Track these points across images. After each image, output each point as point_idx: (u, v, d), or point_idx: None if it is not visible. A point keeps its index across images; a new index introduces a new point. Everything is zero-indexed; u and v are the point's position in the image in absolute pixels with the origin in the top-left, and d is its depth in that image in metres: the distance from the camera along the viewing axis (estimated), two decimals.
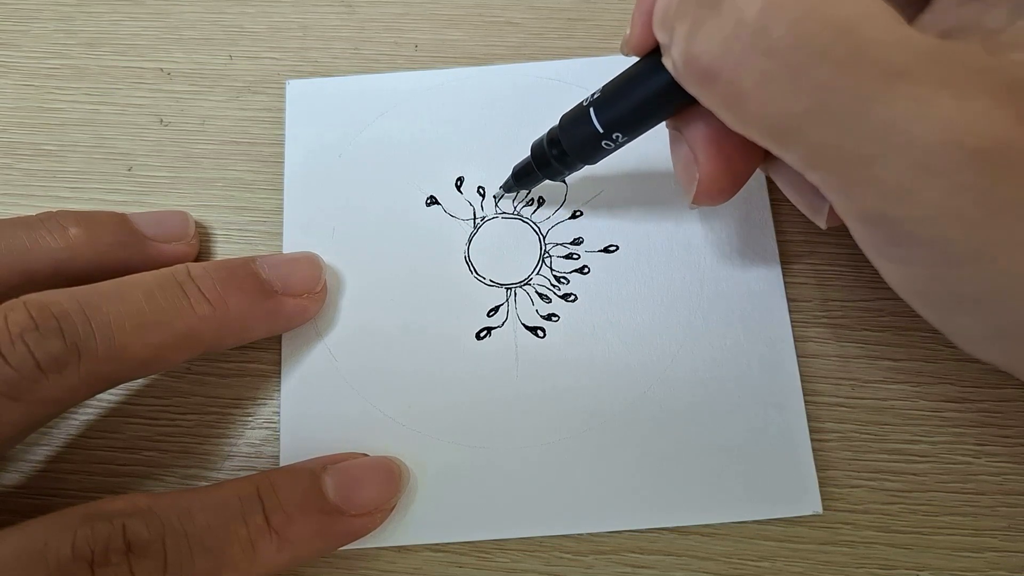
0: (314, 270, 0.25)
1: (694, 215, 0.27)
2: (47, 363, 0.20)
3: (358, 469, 0.23)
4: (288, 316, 0.25)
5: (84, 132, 0.29)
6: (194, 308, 0.22)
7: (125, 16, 0.31)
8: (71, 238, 0.24)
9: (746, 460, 0.23)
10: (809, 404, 0.24)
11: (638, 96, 0.21)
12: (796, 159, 0.18)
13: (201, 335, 0.22)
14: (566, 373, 0.25)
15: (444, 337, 0.25)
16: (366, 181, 0.28)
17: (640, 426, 0.24)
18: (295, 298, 0.25)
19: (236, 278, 0.23)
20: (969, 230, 0.16)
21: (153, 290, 0.22)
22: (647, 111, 0.21)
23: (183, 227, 0.26)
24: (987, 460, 0.24)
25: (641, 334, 0.25)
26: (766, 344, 0.25)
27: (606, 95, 0.21)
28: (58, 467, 0.25)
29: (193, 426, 0.25)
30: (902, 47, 0.16)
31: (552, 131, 0.24)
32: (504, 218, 0.27)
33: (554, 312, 0.26)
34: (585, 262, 0.26)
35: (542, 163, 0.24)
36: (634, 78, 0.21)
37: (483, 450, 0.24)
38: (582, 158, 0.23)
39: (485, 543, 0.23)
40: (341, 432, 0.24)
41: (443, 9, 0.31)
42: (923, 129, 0.15)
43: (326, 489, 0.22)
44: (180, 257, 0.26)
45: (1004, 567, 0.23)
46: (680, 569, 0.23)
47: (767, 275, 0.26)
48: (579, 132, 0.22)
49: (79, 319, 0.20)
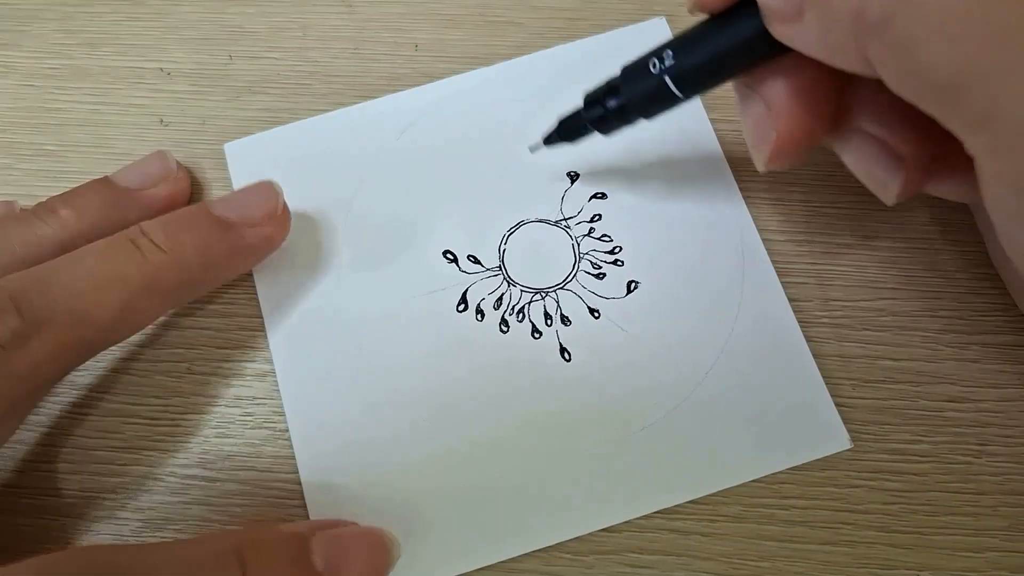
0: (270, 194, 0.25)
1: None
2: (8, 340, 0.20)
3: (348, 540, 0.21)
4: (253, 247, 0.24)
5: (84, 132, 0.29)
6: (148, 258, 0.22)
7: (125, 16, 0.31)
8: (64, 219, 0.24)
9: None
10: None
11: (721, 49, 0.20)
12: (962, 116, 0.16)
13: (162, 283, 0.22)
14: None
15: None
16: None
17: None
18: (255, 227, 0.24)
19: (187, 221, 0.23)
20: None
21: (105, 250, 0.22)
22: (729, 64, 0.20)
23: (164, 167, 0.27)
24: (988, 460, 0.24)
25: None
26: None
27: (681, 48, 0.21)
28: (58, 467, 0.25)
29: (193, 426, 0.25)
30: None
31: (612, 81, 0.23)
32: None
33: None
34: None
35: (596, 116, 0.23)
36: (717, 30, 0.20)
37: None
38: (645, 112, 0.22)
39: None
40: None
41: (444, 9, 0.31)
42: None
43: (314, 558, 0.20)
44: (172, 196, 0.26)
45: (1005, 567, 0.23)
46: (680, 569, 0.23)
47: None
48: (645, 85, 0.22)
49: (34, 294, 0.21)
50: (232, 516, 0.24)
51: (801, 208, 0.27)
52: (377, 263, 0.27)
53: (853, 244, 0.26)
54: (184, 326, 0.26)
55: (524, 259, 0.27)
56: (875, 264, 0.26)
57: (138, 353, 0.26)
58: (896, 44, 0.16)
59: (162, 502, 0.24)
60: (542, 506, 0.23)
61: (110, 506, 0.24)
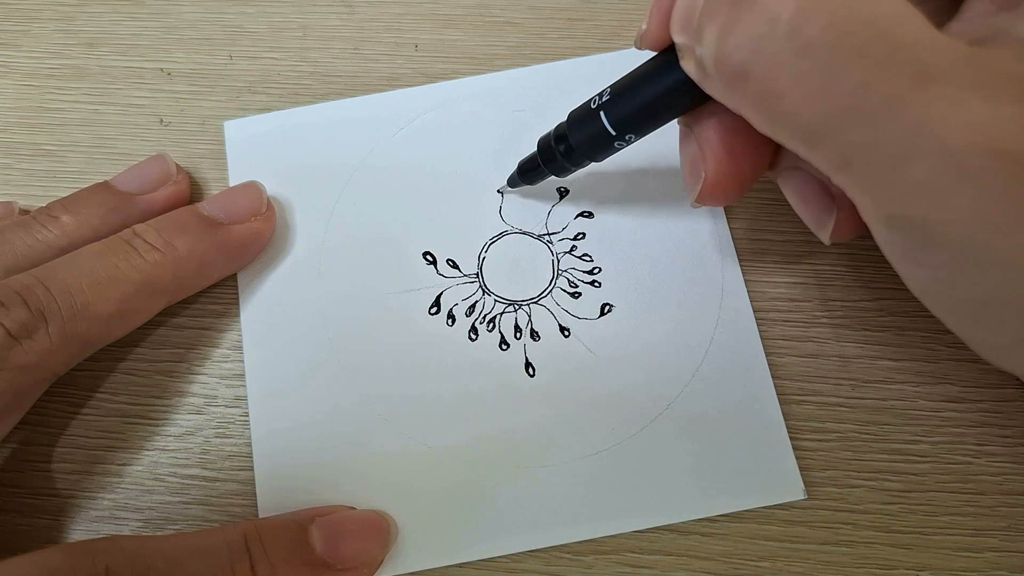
0: (255, 194, 0.26)
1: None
2: (16, 330, 0.21)
3: (346, 522, 0.23)
4: (242, 243, 0.26)
5: (84, 132, 0.29)
6: (144, 257, 0.23)
7: (125, 16, 0.31)
8: (65, 225, 0.25)
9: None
10: (809, 404, 0.24)
11: (651, 95, 0.20)
12: (826, 159, 0.17)
13: (158, 280, 0.24)
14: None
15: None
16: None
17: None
18: (243, 224, 0.25)
19: (178, 222, 0.25)
20: (997, 235, 0.16)
21: (103, 252, 0.23)
22: (660, 109, 0.21)
23: (164, 171, 0.27)
24: (987, 460, 0.24)
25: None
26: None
27: (616, 94, 0.21)
28: (58, 467, 0.25)
29: (193, 426, 0.25)
30: (937, 49, 0.15)
31: (560, 127, 0.23)
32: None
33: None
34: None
35: (548, 158, 0.24)
36: (647, 76, 0.21)
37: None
38: (590, 155, 0.23)
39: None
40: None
41: (443, 9, 0.31)
42: (955, 132, 0.15)
43: (313, 541, 0.21)
44: (173, 199, 0.27)
45: (1004, 567, 0.23)
46: (680, 569, 0.23)
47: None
48: (588, 129, 0.22)
49: (39, 290, 0.22)
50: (232, 516, 0.24)
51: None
52: (358, 256, 0.27)
53: (852, 245, 0.26)
54: (184, 326, 0.26)
55: (502, 269, 0.27)
56: (873, 264, 0.26)
57: (138, 353, 0.26)
58: (755, 94, 0.17)
59: (162, 502, 0.24)
60: (490, 515, 0.23)
61: (110, 506, 0.24)
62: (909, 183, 0.16)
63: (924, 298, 0.19)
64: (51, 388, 0.24)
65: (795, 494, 0.23)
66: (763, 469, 0.23)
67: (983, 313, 0.18)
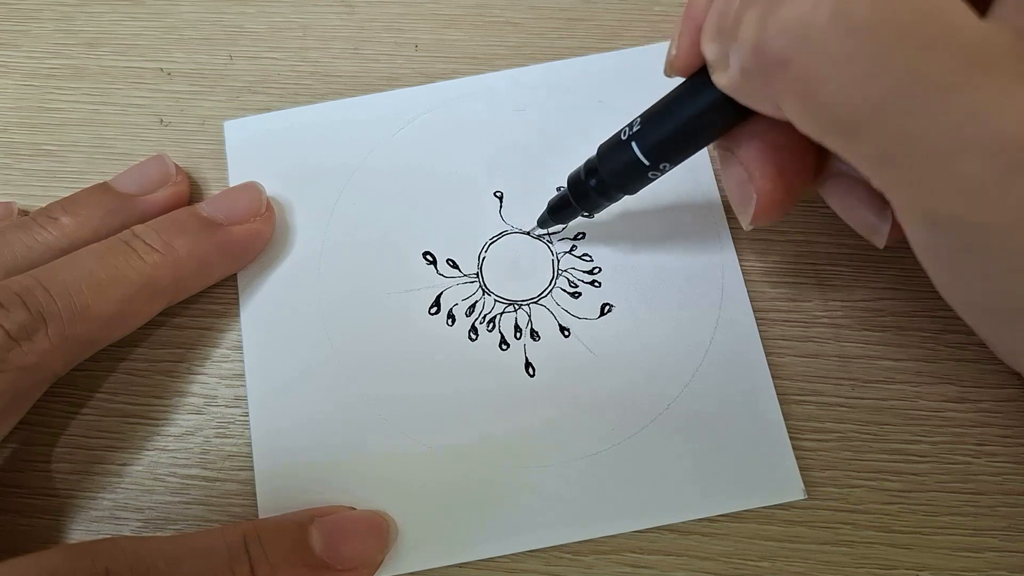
0: (255, 194, 0.26)
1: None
2: (16, 331, 0.21)
3: (345, 523, 0.23)
4: (242, 243, 0.26)
5: (84, 132, 0.29)
6: (143, 259, 0.23)
7: (125, 16, 0.31)
8: (64, 226, 0.25)
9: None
10: (809, 404, 0.24)
11: (684, 119, 0.20)
12: (867, 155, 0.16)
13: (158, 281, 0.24)
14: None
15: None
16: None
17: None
18: (243, 225, 0.25)
19: (178, 223, 0.25)
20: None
21: (103, 253, 0.23)
22: (695, 133, 0.20)
23: (164, 171, 0.27)
24: (987, 460, 0.24)
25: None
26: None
27: (647, 122, 0.21)
28: (58, 467, 0.25)
29: (193, 426, 0.25)
30: (986, 36, 0.15)
31: (590, 161, 0.23)
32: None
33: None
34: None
35: (580, 194, 0.23)
36: (678, 101, 0.20)
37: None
38: (623, 188, 0.22)
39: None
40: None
41: (443, 9, 0.31)
42: (1008, 122, 0.14)
43: (312, 542, 0.22)
44: (172, 200, 0.27)
45: (1004, 567, 0.23)
46: (680, 569, 0.23)
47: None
48: (619, 161, 0.21)
49: (39, 291, 0.22)
50: (232, 516, 0.24)
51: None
52: (357, 256, 0.27)
53: (852, 245, 0.26)
54: (184, 326, 0.26)
55: (502, 269, 0.27)
56: (874, 264, 0.26)
57: (138, 353, 0.26)
58: (797, 83, 0.16)
59: (162, 502, 0.24)
60: (490, 515, 0.23)
61: (110, 506, 0.24)
62: (956, 178, 0.15)
63: (957, 304, 0.18)
64: (51, 388, 0.24)
65: (795, 494, 0.23)
66: (763, 469, 0.23)
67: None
